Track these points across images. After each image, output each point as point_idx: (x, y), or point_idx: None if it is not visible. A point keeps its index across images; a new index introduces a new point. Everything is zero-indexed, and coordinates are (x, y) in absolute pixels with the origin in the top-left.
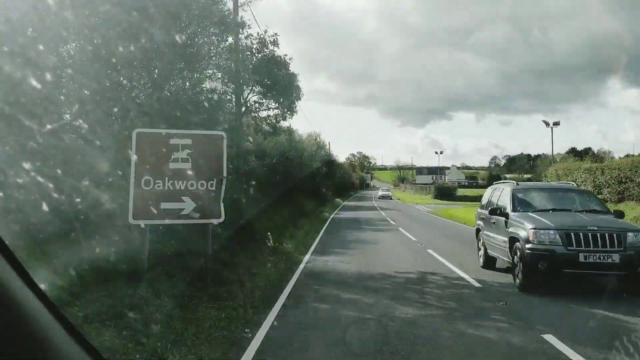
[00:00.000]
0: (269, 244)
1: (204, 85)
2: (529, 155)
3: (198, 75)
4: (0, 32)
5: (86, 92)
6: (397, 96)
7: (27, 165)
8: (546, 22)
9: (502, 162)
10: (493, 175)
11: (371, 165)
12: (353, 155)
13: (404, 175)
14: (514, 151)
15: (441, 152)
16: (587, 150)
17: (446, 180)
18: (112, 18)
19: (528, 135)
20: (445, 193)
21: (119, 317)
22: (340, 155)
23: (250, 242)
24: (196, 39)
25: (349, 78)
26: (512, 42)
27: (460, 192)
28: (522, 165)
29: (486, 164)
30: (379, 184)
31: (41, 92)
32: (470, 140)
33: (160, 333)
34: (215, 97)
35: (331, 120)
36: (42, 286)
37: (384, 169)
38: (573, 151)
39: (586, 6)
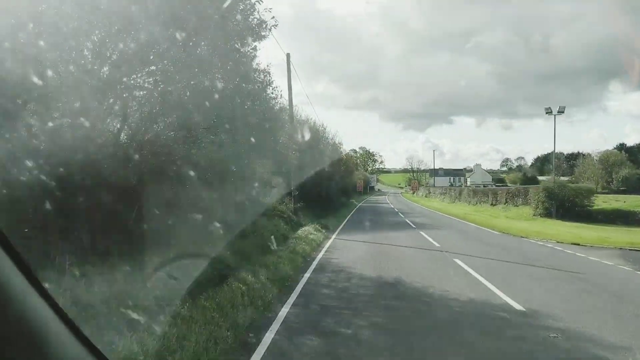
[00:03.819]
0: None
1: None
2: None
3: None
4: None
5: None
6: (398, 100)
7: (29, 163)
8: (547, 26)
9: (515, 164)
10: (528, 177)
11: (376, 164)
12: (355, 151)
13: (418, 177)
14: (513, 155)
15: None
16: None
17: (468, 183)
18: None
19: (529, 140)
20: (566, 205)
21: None
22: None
23: None
24: None
25: (351, 82)
26: (512, 46)
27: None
28: (559, 166)
29: (487, 168)
30: (385, 188)
31: (43, 88)
32: (471, 145)
33: None
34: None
35: (333, 124)
36: (46, 285)
37: (388, 171)
38: (622, 147)
39: (587, 10)
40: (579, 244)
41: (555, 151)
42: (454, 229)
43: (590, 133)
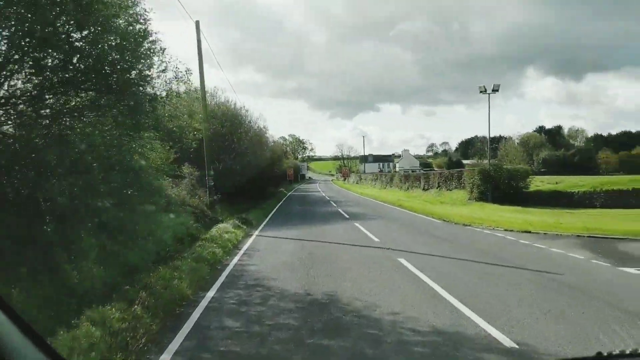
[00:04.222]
0: None
1: None
2: (485, 138)
3: None
4: None
5: None
6: (325, 88)
7: None
8: (465, 15)
9: (440, 149)
10: (453, 161)
11: (307, 152)
12: (284, 138)
13: (348, 164)
14: (437, 140)
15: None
16: (558, 129)
17: (397, 168)
18: None
19: (451, 125)
20: (501, 188)
21: None
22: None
23: None
24: None
25: (276, 70)
26: (433, 35)
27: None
28: (483, 149)
29: (414, 153)
30: (316, 175)
31: None
32: (398, 131)
33: None
34: None
35: (260, 112)
36: None
37: (319, 159)
38: (541, 130)
39: None
40: (530, 232)
41: (478, 135)
42: (391, 218)
43: (509, 118)
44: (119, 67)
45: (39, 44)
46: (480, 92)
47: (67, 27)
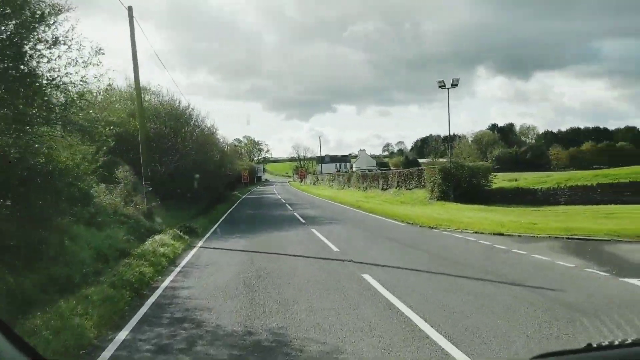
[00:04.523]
0: None
1: None
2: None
3: None
4: None
5: None
6: (281, 89)
7: None
8: (416, 14)
9: (395, 148)
10: (409, 160)
11: (262, 153)
12: (239, 140)
13: (305, 165)
14: (393, 140)
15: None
16: (510, 127)
17: (354, 168)
18: None
19: (406, 125)
20: (463, 186)
21: None
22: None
23: None
24: None
25: (230, 71)
26: (385, 35)
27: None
28: (437, 148)
29: (370, 153)
30: (273, 177)
31: None
32: (353, 131)
33: None
34: None
35: (215, 115)
36: None
37: (275, 161)
38: (494, 127)
39: None
40: (503, 234)
41: (433, 134)
42: (350, 222)
43: (462, 116)
44: None
45: None
46: (440, 86)
47: None
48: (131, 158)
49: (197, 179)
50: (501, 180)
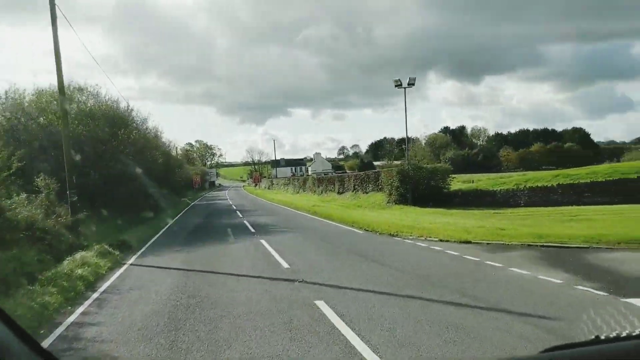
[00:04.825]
0: None
1: None
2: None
3: None
4: None
5: None
6: (234, 93)
7: None
8: (368, 19)
9: (351, 152)
10: (365, 162)
11: (216, 158)
12: (191, 145)
13: (259, 169)
14: (348, 143)
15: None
16: (462, 129)
17: (310, 172)
18: None
19: (361, 128)
20: (421, 188)
21: None
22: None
23: None
24: None
25: (183, 75)
26: (339, 39)
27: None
28: (391, 151)
29: (325, 156)
30: (227, 182)
31: None
32: (308, 135)
33: None
34: None
35: (167, 120)
36: None
37: (229, 165)
38: (446, 130)
39: (403, 4)
40: (470, 242)
41: (387, 137)
42: (304, 230)
43: (414, 119)
44: None
45: None
46: (396, 86)
47: None
48: (60, 163)
49: (138, 185)
50: (457, 182)
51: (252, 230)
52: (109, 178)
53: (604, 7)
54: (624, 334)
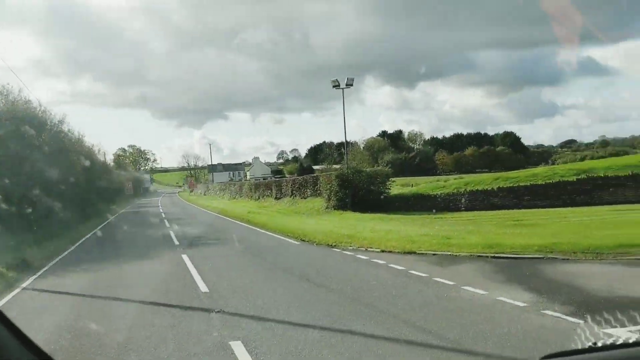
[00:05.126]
0: None
1: None
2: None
3: None
4: None
5: None
6: (171, 97)
7: None
8: (306, 24)
9: (290, 156)
10: (304, 167)
11: (150, 163)
12: (124, 150)
13: (196, 174)
14: (287, 147)
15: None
16: (399, 133)
17: (248, 176)
18: None
19: (300, 132)
20: (360, 193)
21: None
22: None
23: None
24: None
25: (117, 79)
26: (277, 43)
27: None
28: (330, 155)
29: (265, 161)
30: (163, 188)
31: None
32: (247, 139)
33: None
34: None
35: (101, 124)
36: None
37: (165, 170)
38: (384, 134)
39: (340, 10)
40: (415, 253)
41: (326, 141)
42: (235, 242)
43: (352, 124)
44: None
45: None
46: (334, 86)
47: None
48: None
49: (52, 193)
50: (396, 185)
51: (176, 242)
52: (10, 188)
53: (530, 16)
54: (619, 342)
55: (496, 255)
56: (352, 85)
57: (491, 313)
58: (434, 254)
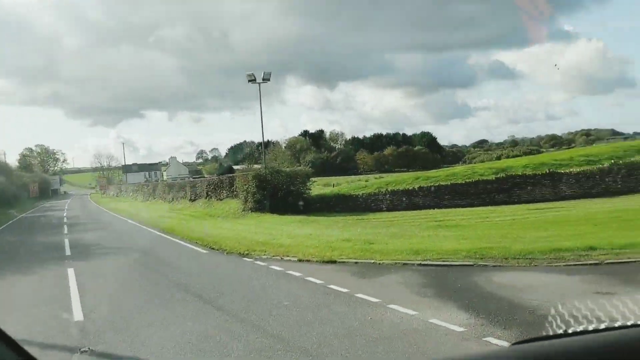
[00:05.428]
0: None
1: None
2: (253, 143)
3: None
4: None
5: None
6: (84, 95)
7: None
8: (226, 23)
9: (209, 155)
10: (224, 167)
11: (59, 163)
12: (30, 150)
13: (110, 175)
14: (207, 147)
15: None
16: (320, 133)
17: (165, 177)
18: None
19: (219, 131)
20: (280, 194)
21: None
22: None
23: None
24: None
25: (26, 76)
26: (195, 42)
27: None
28: (251, 154)
29: (183, 161)
30: (74, 189)
31: None
32: (165, 139)
33: None
34: None
35: (8, 124)
36: None
37: (78, 171)
38: (306, 134)
39: (260, 9)
40: (335, 262)
41: (247, 140)
42: (135, 253)
43: (274, 123)
44: None
45: None
46: (250, 80)
47: None
48: None
49: None
50: (317, 185)
51: (68, 253)
52: None
53: (444, 20)
54: (590, 328)
55: (423, 262)
56: (269, 80)
57: (425, 343)
58: (355, 262)
